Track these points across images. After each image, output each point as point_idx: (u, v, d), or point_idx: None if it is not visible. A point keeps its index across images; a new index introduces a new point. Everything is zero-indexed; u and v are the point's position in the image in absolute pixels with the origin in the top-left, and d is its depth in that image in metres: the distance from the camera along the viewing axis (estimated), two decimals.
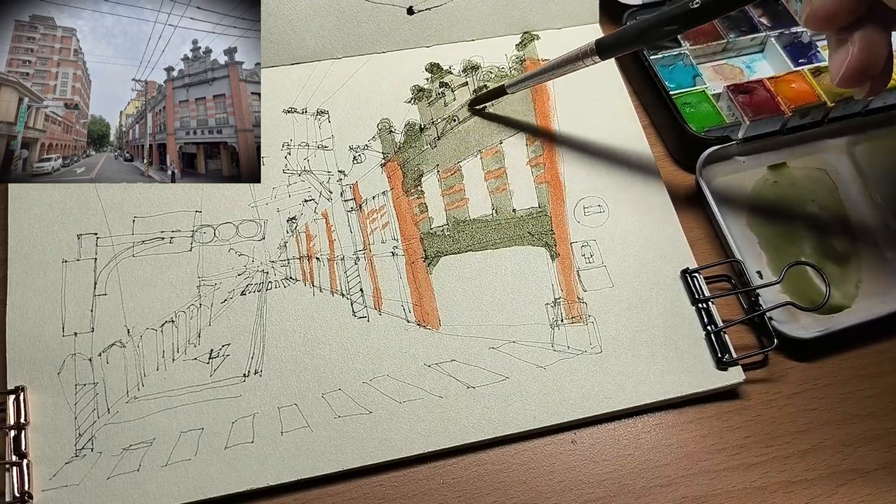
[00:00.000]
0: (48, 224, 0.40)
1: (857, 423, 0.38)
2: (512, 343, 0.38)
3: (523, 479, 0.36)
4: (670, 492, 0.36)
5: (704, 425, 0.38)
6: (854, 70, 0.31)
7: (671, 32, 0.33)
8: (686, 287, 0.40)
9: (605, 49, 0.35)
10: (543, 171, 0.44)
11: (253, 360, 0.37)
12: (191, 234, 0.40)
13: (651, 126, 0.47)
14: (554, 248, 0.41)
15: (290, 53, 0.46)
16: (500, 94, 0.43)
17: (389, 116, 0.45)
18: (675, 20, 0.32)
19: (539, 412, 0.36)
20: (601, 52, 0.35)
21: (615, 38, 0.35)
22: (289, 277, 0.40)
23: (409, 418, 0.36)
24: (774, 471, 0.36)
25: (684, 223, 0.42)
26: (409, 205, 0.42)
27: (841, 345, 0.40)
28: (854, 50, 0.31)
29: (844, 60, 0.31)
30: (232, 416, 0.36)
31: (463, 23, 0.47)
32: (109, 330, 0.37)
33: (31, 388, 0.35)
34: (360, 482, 0.35)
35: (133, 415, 0.35)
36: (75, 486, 0.34)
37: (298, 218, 0.42)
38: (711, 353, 0.38)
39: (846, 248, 0.42)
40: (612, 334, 0.39)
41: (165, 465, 0.34)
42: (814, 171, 0.44)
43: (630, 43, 0.35)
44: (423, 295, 0.40)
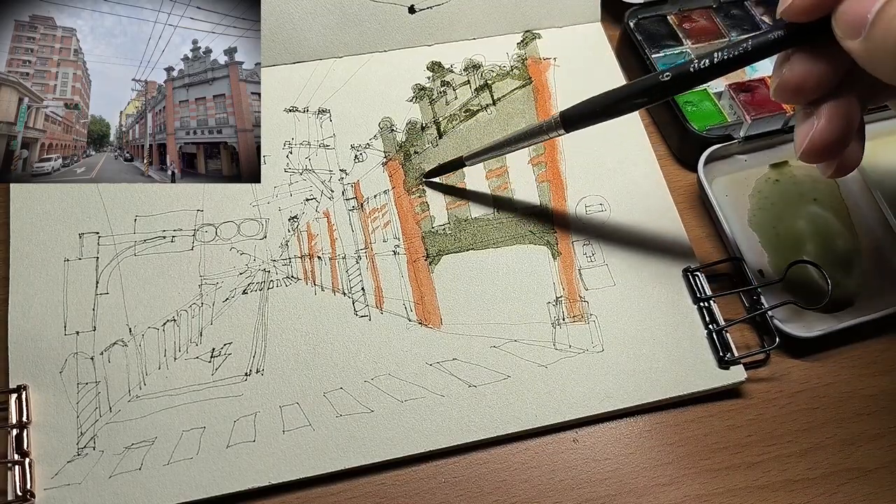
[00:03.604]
0: (50, 223, 0.40)
1: (858, 422, 0.38)
2: (513, 342, 0.38)
3: (525, 477, 0.36)
4: (672, 491, 0.36)
5: (706, 424, 0.38)
6: (817, 144, 0.29)
7: (640, 105, 0.32)
8: (688, 286, 0.40)
9: (570, 122, 0.34)
10: (545, 170, 0.44)
11: (254, 359, 0.37)
12: (192, 232, 0.40)
13: (653, 125, 0.47)
14: (555, 246, 0.41)
15: (291, 52, 0.46)
16: (458, 167, 0.41)
17: (391, 115, 0.45)
18: (645, 93, 0.31)
19: (540, 411, 0.36)
20: (566, 125, 0.34)
21: (581, 110, 0.33)
22: (290, 276, 0.40)
23: (411, 417, 0.36)
24: (776, 470, 0.36)
25: (686, 222, 0.42)
26: (411, 203, 0.42)
27: (842, 344, 0.40)
28: (819, 123, 0.29)
29: (808, 133, 0.30)
30: (234, 414, 0.36)
31: (464, 21, 0.47)
32: (111, 329, 0.37)
33: (33, 386, 0.35)
34: (362, 481, 0.35)
35: (135, 414, 0.35)
36: (77, 484, 0.34)
37: (300, 217, 0.42)
38: (713, 352, 0.38)
39: (848, 246, 0.42)
40: (614, 333, 0.39)
41: (167, 463, 0.34)
42: (816, 170, 0.44)
43: (597, 116, 0.33)
44: (424, 294, 0.40)
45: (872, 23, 0.25)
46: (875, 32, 0.25)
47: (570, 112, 0.34)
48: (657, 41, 0.47)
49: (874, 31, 0.25)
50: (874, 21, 0.25)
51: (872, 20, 0.25)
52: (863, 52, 0.25)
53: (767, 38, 0.28)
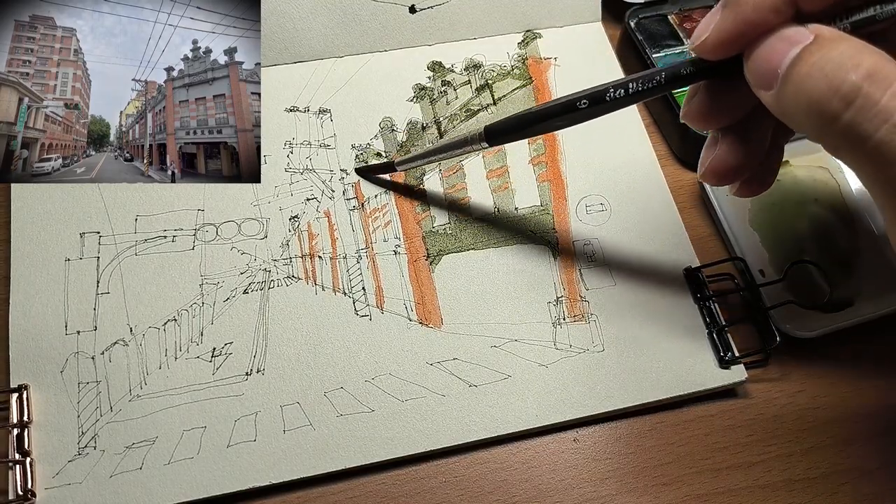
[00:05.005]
0: (51, 222, 0.40)
1: (859, 422, 0.38)
2: (514, 341, 0.38)
3: (525, 477, 0.36)
4: (672, 490, 0.36)
5: (706, 424, 0.38)
6: (715, 169, 0.30)
7: (559, 126, 0.32)
8: (688, 285, 0.40)
9: (493, 136, 0.35)
10: (545, 170, 0.44)
11: (255, 359, 0.37)
12: (193, 232, 0.40)
13: (653, 124, 0.47)
14: (556, 246, 0.41)
15: (291, 52, 0.46)
16: (389, 170, 0.42)
17: (391, 115, 0.45)
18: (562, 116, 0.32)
19: (541, 411, 0.36)
20: (489, 139, 0.35)
21: (503, 126, 0.35)
22: (291, 276, 0.40)
23: (412, 417, 0.36)
24: (777, 469, 0.36)
25: (686, 221, 0.42)
26: (412, 203, 0.42)
27: (843, 343, 0.40)
28: (719, 150, 0.30)
29: (710, 157, 0.30)
30: (234, 414, 0.36)
31: (465, 21, 0.47)
32: (112, 328, 0.37)
33: (34, 386, 0.35)
34: (363, 480, 0.35)
35: (136, 413, 0.35)
36: (78, 484, 0.34)
37: (301, 216, 0.42)
38: (714, 352, 0.38)
39: (848, 246, 0.42)
40: (615, 333, 0.39)
41: (168, 463, 0.34)
42: (816, 170, 0.44)
43: (517, 132, 0.34)
44: (425, 293, 0.40)
45: (784, 78, 0.24)
46: (786, 90, 0.24)
47: (493, 127, 0.35)
48: (658, 41, 0.47)
49: (785, 87, 0.24)
50: (785, 76, 0.24)
51: (784, 75, 0.24)
52: (774, 105, 0.25)
53: (679, 71, 0.28)
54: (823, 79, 0.23)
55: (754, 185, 0.32)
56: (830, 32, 0.24)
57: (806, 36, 0.24)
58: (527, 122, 0.34)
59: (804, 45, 0.24)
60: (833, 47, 0.23)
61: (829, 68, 0.23)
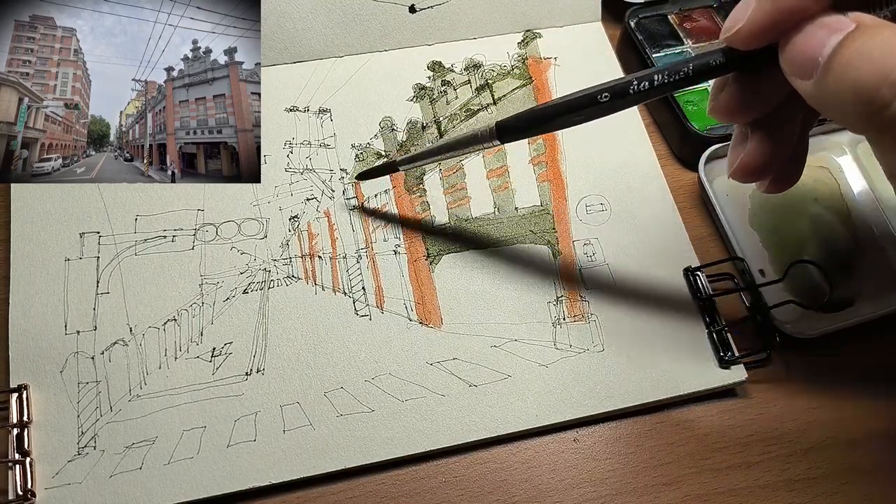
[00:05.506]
0: (50, 222, 0.40)
1: (859, 422, 0.38)
2: (514, 341, 0.38)
3: (525, 477, 0.36)
4: (672, 490, 0.36)
5: (706, 424, 0.38)
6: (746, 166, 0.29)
7: (577, 121, 0.31)
8: (688, 285, 0.40)
9: (505, 132, 0.33)
10: (545, 170, 0.44)
11: (255, 359, 0.37)
12: (193, 232, 0.40)
13: (653, 124, 0.47)
14: (556, 246, 0.41)
15: (291, 52, 0.46)
16: (392, 171, 0.40)
17: (391, 114, 0.45)
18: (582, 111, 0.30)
19: (541, 411, 0.36)
20: (501, 135, 0.33)
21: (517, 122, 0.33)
22: (291, 276, 0.40)
23: (411, 417, 0.36)
24: (777, 469, 0.36)
25: (686, 221, 0.42)
26: (412, 203, 0.42)
27: (843, 343, 0.40)
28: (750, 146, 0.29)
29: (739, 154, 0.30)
30: (234, 414, 0.36)
31: (465, 21, 0.47)
32: (112, 328, 0.37)
33: (33, 386, 0.35)
34: (362, 480, 0.35)
35: (135, 413, 0.35)
36: (78, 484, 0.34)
37: (300, 216, 0.42)
38: (714, 352, 0.38)
39: (848, 246, 0.42)
40: (615, 333, 0.39)
41: (168, 463, 0.34)
42: (816, 170, 0.44)
43: (532, 128, 0.33)
44: (425, 293, 0.40)
45: (825, 66, 0.23)
46: (828, 78, 0.23)
47: (505, 123, 0.33)
48: (658, 41, 0.47)
49: (828, 76, 0.23)
50: (827, 64, 0.23)
51: (825, 63, 0.23)
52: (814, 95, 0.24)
53: (708, 62, 0.27)
54: (870, 66, 0.22)
55: (784, 179, 0.31)
56: (872, 20, 0.23)
57: (847, 24, 0.23)
58: (543, 118, 0.32)
59: (847, 32, 0.23)
60: (876, 34, 0.22)
61: (876, 55, 0.22)
